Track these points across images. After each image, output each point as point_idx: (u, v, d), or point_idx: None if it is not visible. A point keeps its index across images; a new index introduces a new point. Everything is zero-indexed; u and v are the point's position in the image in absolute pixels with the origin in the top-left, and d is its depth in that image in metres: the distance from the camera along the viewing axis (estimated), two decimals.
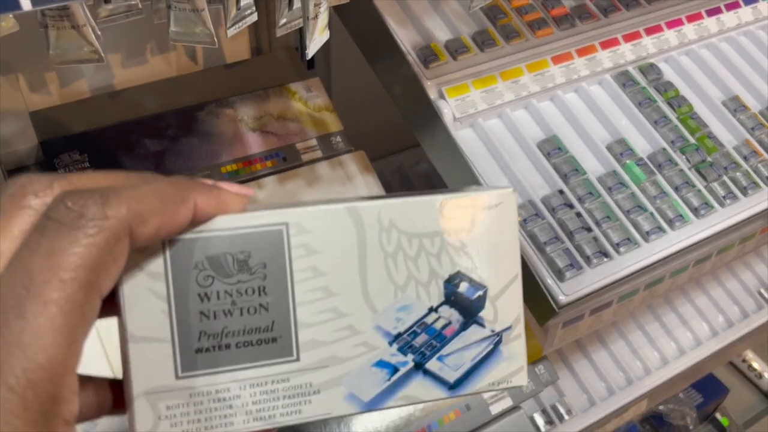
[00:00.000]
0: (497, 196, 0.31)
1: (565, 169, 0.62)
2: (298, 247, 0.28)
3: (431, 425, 0.56)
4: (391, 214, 0.30)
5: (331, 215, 0.29)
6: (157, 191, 0.24)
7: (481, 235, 0.31)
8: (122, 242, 0.23)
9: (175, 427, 0.28)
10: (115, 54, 0.66)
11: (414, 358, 0.30)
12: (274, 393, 0.29)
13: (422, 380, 0.30)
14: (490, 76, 0.64)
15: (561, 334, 0.61)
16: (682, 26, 0.73)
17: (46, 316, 0.22)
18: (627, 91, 0.68)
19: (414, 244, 0.30)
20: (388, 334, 0.30)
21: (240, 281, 0.28)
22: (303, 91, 0.69)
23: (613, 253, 0.58)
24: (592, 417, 0.74)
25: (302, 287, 0.28)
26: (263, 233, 0.28)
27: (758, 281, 0.88)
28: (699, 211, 0.62)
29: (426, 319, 0.30)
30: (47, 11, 0.34)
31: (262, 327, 0.28)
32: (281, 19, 0.42)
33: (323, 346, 0.29)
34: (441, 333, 0.30)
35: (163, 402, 0.28)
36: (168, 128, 0.64)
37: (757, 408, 1.29)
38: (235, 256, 0.28)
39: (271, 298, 0.28)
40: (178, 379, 0.28)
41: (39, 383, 0.21)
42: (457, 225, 0.30)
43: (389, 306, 0.30)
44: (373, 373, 0.29)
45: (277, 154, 0.65)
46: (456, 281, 0.30)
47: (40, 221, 0.23)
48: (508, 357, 0.31)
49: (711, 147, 0.66)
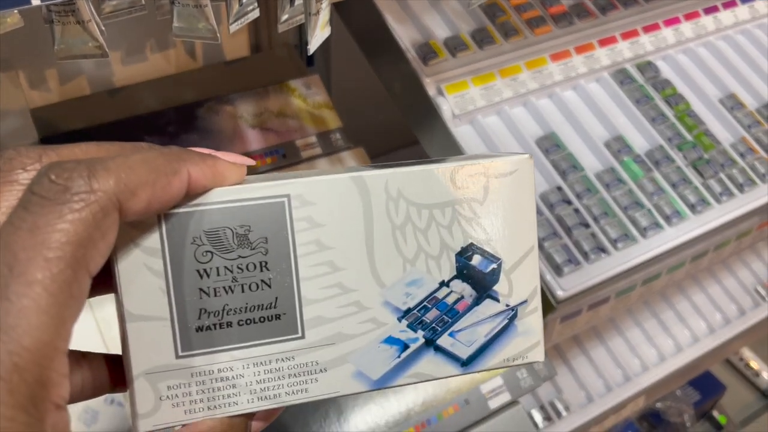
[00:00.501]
0: (512, 163, 0.29)
1: (563, 165, 0.62)
2: (300, 220, 0.27)
3: (430, 419, 0.56)
4: (399, 183, 0.28)
5: (335, 185, 0.27)
6: (147, 162, 0.23)
7: (495, 205, 0.29)
8: (111, 216, 0.22)
9: (178, 407, 0.27)
10: (116, 51, 0.66)
11: (424, 334, 0.29)
12: (279, 372, 0.28)
13: (433, 357, 0.29)
14: (489, 74, 0.64)
15: (559, 329, 0.62)
16: (680, 24, 0.74)
17: (31, 297, 0.20)
18: (625, 89, 0.68)
19: (424, 216, 0.29)
20: (397, 310, 0.28)
21: (240, 256, 0.27)
22: (302, 88, 0.70)
23: (610, 248, 0.59)
24: (589, 413, 0.74)
25: (306, 262, 0.27)
26: (264, 206, 0.27)
27: (755, 279, 0.89)
28: (696, 207, 0.62)
29: (437, 293, 0.29)
30: (53, 7, 0.35)
31: (265, 304, 0.27)
32: (283, 15, 0.42)
33: (329, 322, 0.28)
34: (453, 308, 0.29)
35: (163, 382, 0.27)
36: (168, 125, 0.64)
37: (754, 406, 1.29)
38: (234, 230, 0.27)
39: (274, 274, 0.27)
40: (179, 358, 0.27)
41: (25, 367, 0.20)
42: (470, 194, 0.29)
43: (398, 280, 0.28)
44: (382, 350, 0.28)
45: (276, 150, 0.65)
46: (468, 254, 0.29)
47: (24, 196, 0.21)
48: (524, 332, 0.30)
49: (708, 144, 0.67)
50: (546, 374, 0.62)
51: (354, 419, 0.55)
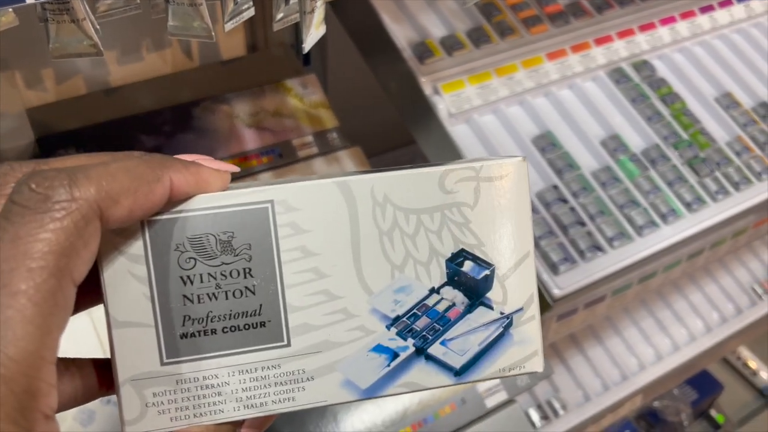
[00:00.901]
0: (505, 167, 0.28)
1: (559, 164, 0.62)
2: (285, 226, 0.27)
3: (427, 419, 0.56)
4: (385, 188, 0.28)
5: (319, 191, 0.27)
6: (129, 170, 0.23)
7: (488, 210, 0.28)
8: (93, 224, 0.22)
9: (163, 414, 0.27)
10: (112, 51, 0.66)
11: (415, 342, 0.28)
12: (265, 380, 0.27)
13: (425, 366, 0.28)
14: (485, 73, 0.64)
15: (555, 327, 0.62)
16: (676, 23, 0.74)
17: (15, 307, 0.20)
18: (621, 88, 0.68)
19: (412, 221, 0.28)
20: (385, 318, 0.28)
21: (224, 263, 0.27)
22: (299, 88, 0.70)
23: (606, 247, 0.59)
24: (586, 412, 0.75)
25: (291, 268, 0.27)
26: (247, 212, 0.27)
27: (751, 277, 0.89)
28: (692, 206, 0.62)
29: (427, 301, 0.28)
30: (47, 5, 0.35)
31: (250, 311, 0.27)
32: (278, 14, 0.42)
33: (315, 330, 0.27)
34: (444, 316, 0.28)
35: (149, 389, 0.27)
36: (164, 124, 0.64)
37: (751, 405, 1.29)
38: (217, 236, 0.27)
39: (258, 281, 0.27)
40: (164, 365, 0.27)
41: (12, 377, 0.20)
42: (460, 199, 0.28)
43: (386, 287, 0.28)
44: (371, 358, 0.28)
45: (273, 150, 0.65)
46: (459, 260, 0.28)
47: (6, 205, 0.21)
48: (520, 341, 0.29)
49: (703, 143, 0.67)
50: (543, 373, 0.62)
51: (350, 418, 0.55)
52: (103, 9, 0.38)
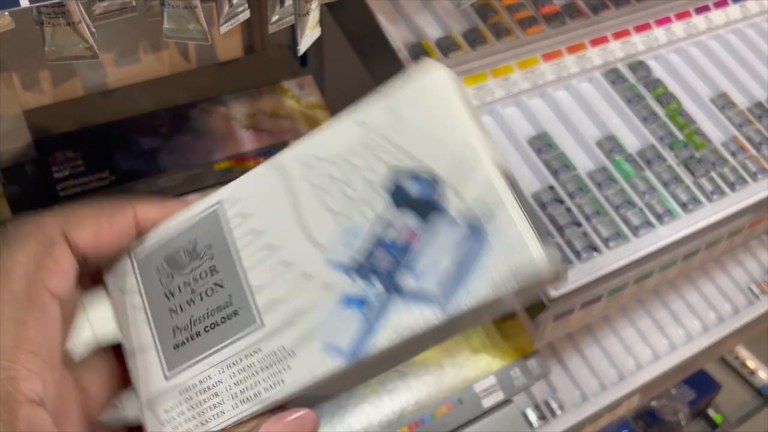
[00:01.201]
0: (421, 84, 0.27)
1: (555, 165, 0.62)
2: (234, 217, 0.29)
3: (424, 419, 0.57)
4: (309, 148, 0.28)
5: (255, 176, 0.29)
6: (92, 204, 0.29)
7: (414, 128, 0.26)
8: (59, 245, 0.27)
9: (177, 429, 0.28)
10: (109, 53, 0.66)
11: (381, 280, 0.26)
12: (252, 368, 0.27)
13: (403, 305, 0.25)
14: (481, 74, 0.64)
15: (552, 327, 0.62)
16: (671, 24, 0.74)
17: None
18: (616, 88, 0.69)
19: (341, 166, 0.27)
20: (343, 266, 0.26)
21: (193, 269, 0.29)
22: (296, 89, 0.70)
23: (602, 247, 0.59)
24: (584, 412, 0.75)
25: (247, 252, 0.28)
26: (203, 218, 0.29)
27: (748, 277, 0.89)
28: (687, 206, 0.63)
29: (380, 235, 0.26)
30: (43, 8, 0.35)
31: (222, 304, 0.28)
32: (273, 17, 0.43)
33: (283, 303, 0.27)
34: (403, 245, 0.26)
35: (160, 407, 0.28)
36: (161, 126, 0.64)
37: (749, 405, 1.29)
38: (184, 248, 0.29)
39: (223, 274, 0.28)
40: (167, 380, 0.28)
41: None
42: (382, 128, 0.27)
43: (336, 238, 0.27)
44: (344, 313, 0.26)
45: (270, 151, 0.66)
46: (399, 183, 0.26)
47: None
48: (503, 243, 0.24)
49: (699, 143, 0.67)
50: (539, 373, 0.62)
51: (347, 419, 0.55)
52: (99, 12, 0.38)
